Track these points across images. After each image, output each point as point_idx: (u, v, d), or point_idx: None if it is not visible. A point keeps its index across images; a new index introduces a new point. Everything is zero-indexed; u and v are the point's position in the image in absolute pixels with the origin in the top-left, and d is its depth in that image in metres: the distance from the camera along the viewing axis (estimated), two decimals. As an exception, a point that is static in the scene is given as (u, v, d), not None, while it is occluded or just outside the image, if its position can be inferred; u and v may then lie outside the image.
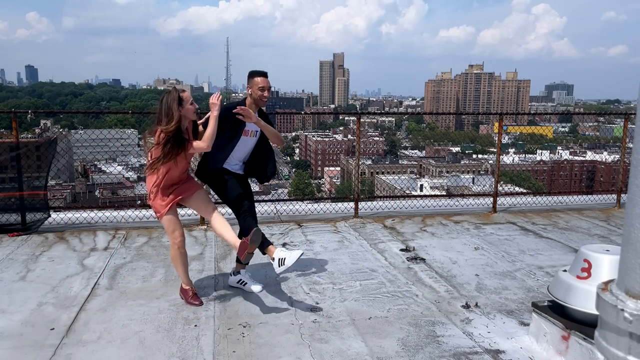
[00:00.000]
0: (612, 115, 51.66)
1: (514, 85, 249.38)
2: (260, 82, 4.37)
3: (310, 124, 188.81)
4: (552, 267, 5.24)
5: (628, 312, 1.77)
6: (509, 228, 6.89)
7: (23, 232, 6.23)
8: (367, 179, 74.28)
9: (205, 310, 4.11)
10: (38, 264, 5.18)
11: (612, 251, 3.27)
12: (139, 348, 3.49)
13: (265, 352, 3.45)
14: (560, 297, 3.40)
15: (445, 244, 6.10)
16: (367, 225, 6.94)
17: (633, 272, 1.83)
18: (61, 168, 7.04)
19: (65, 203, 42.26)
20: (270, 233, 6.46)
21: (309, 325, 3.87)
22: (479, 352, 3.51)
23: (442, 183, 59.38)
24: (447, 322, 3.97)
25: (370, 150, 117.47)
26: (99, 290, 4.52)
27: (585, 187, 78.34)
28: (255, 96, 4.37)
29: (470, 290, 4.64)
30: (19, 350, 3.46)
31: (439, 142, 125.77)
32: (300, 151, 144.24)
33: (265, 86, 4.39)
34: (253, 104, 4.42)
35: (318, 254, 5.61)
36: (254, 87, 4.37)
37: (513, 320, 4.01)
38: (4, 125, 49.83)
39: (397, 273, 5.05)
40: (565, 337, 3.33)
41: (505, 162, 76.41)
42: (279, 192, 69.46)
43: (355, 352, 3.48)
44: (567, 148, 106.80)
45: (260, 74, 4.42)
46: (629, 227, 1.88)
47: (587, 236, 6.53)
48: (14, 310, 4.07)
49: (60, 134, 40.77)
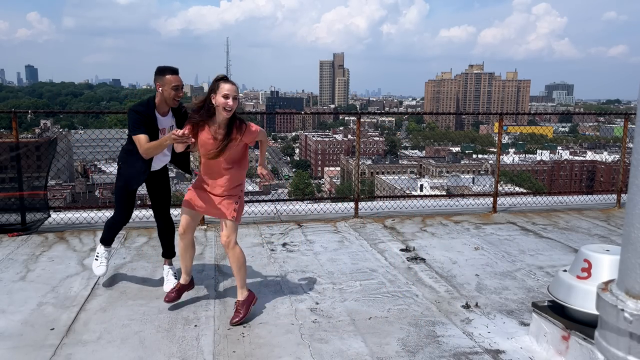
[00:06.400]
0: (612, 115, 51.66)
1: (514, 85, 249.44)
2: (174, 80, 4.04)
3: (310, 124, 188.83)
4: (552, 267, 5.24)
5: (628, 312, 1.77)
6: (509, 228, 6.88)
7: (23, 232, 6.23)
8: (367, 179, 74.33)
9: (205, 310, 4.11)
10: (38, 264, 5.18)
11: (612, 251, 3.27)
12: (139, 348, 3.49)
13: (265, 352, 3.45)
14: (560, 297, 3.40)
15: (445, 244, 6.10)
16: (367, 225, 6.94)
17: (633, 272, 1.83)
18: (61, 168, 7.04)
19: (65, 203, 42.29)
20: (270, 233, 6.46)
21: (309, 325, 3.87)
22: (479, 352, 3.51)
23: (442, 183, 59.41)
24: (447, 322, 3.97)
25: (370, 150, 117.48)
26: (99, 290, 4.52)
27: (585, 187, 78.34)
28: (168, 95, 4.04)
29: (470, 290, 4.64)
30: (19, 350, 3.46)
31: (439, 142, 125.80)
32: (300, 151, 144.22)
33: (179, 85, 4.10)
34: (163, 103, 4.11)
35: (318, 254, 5.61)
36: (165, 85, 4.03)
37: (513, 320, 4.01)
38: (4, 125, 49.86)
39: (397, 273, 5.05)
40: (565, 337, 3.33)
41: (505, 162, 76.46)
42: (279, 192, 69.47)
43: (355, 352, 3.48)
44: (567, 148, 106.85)
45: (172, 70, 4.09)
46: (629, 227, 1.88)
47: (587, 236, 6.53)
48: (14, 310, 4.07)
49: (60, 134, 40.75)
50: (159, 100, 4.12)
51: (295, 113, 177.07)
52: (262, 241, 6.10)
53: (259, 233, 6.45)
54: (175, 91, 4.06)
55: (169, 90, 4.04)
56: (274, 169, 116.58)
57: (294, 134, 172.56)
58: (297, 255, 5.56)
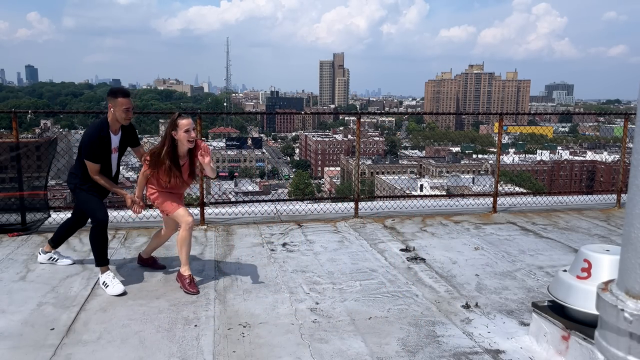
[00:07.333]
0: (612, 115, 51.67)
1: (514, 85, 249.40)
2: (125, 103, 4.42)
3: (310, 124, 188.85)
4: (552, 267, 5.24)
5: (628, 312, 1.77)
6: (509, 228, 6.88)
7: (23, 232, 6.23)
8: (367, 179, 74.36)
9: (205, 310, 4.11)
10: (38, 264, 5.17)
11: (612, 251, 3.26)
12: (139, 348, 3.49)
13: (265, 352, 3.45)
14: (560, 297, 3.40)
15: (445, 244, 6.10)
16: (367, 225, 6.94)
17: (633, 272, 1.83)
18: (61, 168, 7.03)
19: (65, 203, 42.18)
20: (270, 233, 6.46)
21: (309, 325, 3.87)
22: (479, 352, 3.51)
23: (442, 183, 59.45)
24: (447, 322, 3.97)
25: (370, 150, 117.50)
26: (99, 290, 4.51)
27: (585, 187, 78.34)
28: (119, 117, 4.45)
29: (470, 290, 4.64)
30: (19, 350, 3.46)
31: (439, 142, 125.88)
32: (300, 151, 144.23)
33: (129, 107, 4.47)
34: (115, 122, 4.49)
35: (318, 254, 5.61)
36: (117, 107, 4.41)
37: (513, 320, 4.01)
38: (4, 125, 49.84)
39: (397, 273, 5.05)
40: (565, 337, 3.33)
41: (505, 162, 76.49)
42: (279, 192, 69.49)
43: (355, 352, 3.48)
44: (567, 148, 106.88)
45: (124, 93, 4.47)
46: (629, 227, 1.88)
47: (587, 236, 6.53)
48: (14, 310, 4.07)
49: (60, 134, 40.66)
50: (110, 120, 4.48)
51: (295, 113, 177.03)
52: (262, 241, 6.10)
53: (259, 233, 6.46)
54: (125, 113, 4.44)
55: (120, 112, 4.42)
56: (274, 169, 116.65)
57: (294, 134, 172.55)
58: (297, 255, 5.56)
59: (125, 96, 4.44)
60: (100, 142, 4.41)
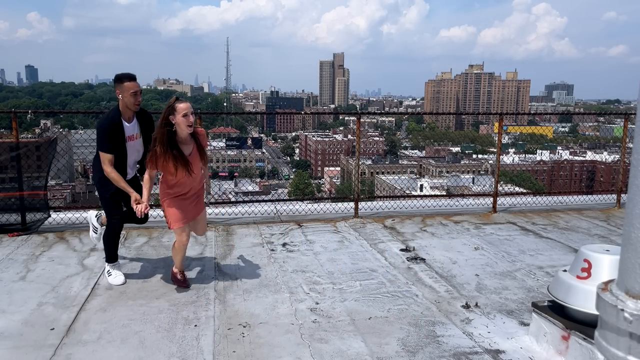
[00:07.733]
0: (612, 115, 51.68)
1: (514, 85, 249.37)
2: (132, 87, 4.30)
3: (310, 124, 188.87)
4: (552, 267, 5.24)
5: (628, 312, 1.77)
6: (509, 228, 6.89)
7: (23, 232, 6.23)
8: (367, 179, 74.33)
9: (205, 310, 4.11)
10: (38, 264, 5.18)
11: (612, 251, 3.27)
12: (139, 348, 3.50)
13: (265, 352, 3.45)
14: (560, 297, 3.40)
15: (445, 244, 6.10)
16: (367, 225, 6.94)
17: (633, 272, 1.83)
18: (61, 168, 7.04)
19: (65, 203, 42.30)
20: (270, 233, 6.46)
21: (309, 325, 3.87)
22: (479, 352, 3.51)
23: (442, 183, 59.46)
24: (447, 322, 3.97)
25: (370, 150, 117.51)
26: (99, 290, 4.52)
27: (585, 187, 78.35)
28: (128, 102, 4.31)
29: (470, 290, 4.64)
30: (19, 350, 3.46)
31: (439, 142, 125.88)
32: (300, 151, 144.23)
33: (137, 90, 4.33)
34: (126, 109, 4.37)
35: (318, 254, 5.61)
36: (125, 92, 4.28)
37: (513, 320, 4.01)
38: (4, 125, 49.83)
39: (397, 273, 5.05)
40: (565, 337, 3.33)
41: (505, 162, 76.49)
42: (279, 192, 69.51)
43: (355, 352, 3.48)
44: (567, 148, 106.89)
45: (130, 77, 4.33)
46: (629, 227, 1.88)
47: (587, 236, 6.53)
48: (14, 310, 4.07)
49: (60, 134, 40.72)
50: (122, 107, 4.37)
51: (295, 113, 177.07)
52: (262, 241, 6.10)
53: (259, 233, 6.46)
54: (134, 97, 4.32)
55: (128, 97, 4.30)
56: (274, 169, 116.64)
57: (294, 134, 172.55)
58: (297, 255, 5.56)
59: (132, 80, 4.32)
60: (111, 130, 4.27)
